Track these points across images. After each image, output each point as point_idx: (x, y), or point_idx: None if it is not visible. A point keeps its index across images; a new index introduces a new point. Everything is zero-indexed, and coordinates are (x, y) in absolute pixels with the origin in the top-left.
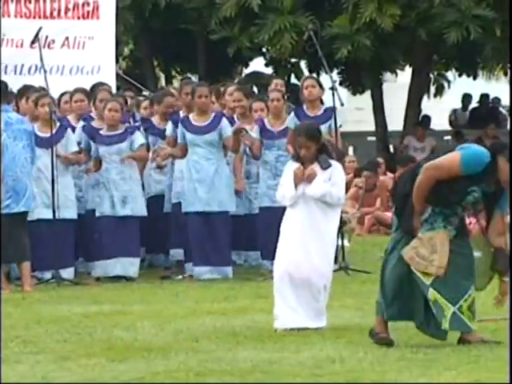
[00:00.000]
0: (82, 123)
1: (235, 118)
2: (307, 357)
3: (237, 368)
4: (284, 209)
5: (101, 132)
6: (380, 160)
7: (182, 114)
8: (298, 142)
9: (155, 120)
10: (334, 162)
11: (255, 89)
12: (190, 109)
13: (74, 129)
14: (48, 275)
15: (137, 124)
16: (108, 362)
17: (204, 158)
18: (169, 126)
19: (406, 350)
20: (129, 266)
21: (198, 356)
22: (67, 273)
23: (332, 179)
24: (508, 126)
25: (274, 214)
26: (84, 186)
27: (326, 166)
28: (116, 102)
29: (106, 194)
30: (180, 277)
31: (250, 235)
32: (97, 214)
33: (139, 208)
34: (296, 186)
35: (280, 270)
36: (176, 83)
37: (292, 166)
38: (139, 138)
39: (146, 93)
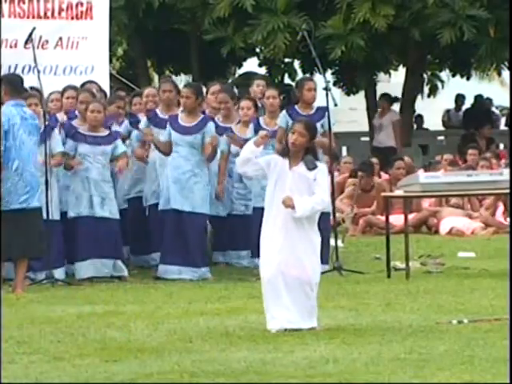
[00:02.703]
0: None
1: (216, 119)
2: (301, 357)
3: (230, 369)
4: None
5: (82, 131)
6: (374, 160)
7: (158, 111)
8: (294, 127)
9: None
10: (319, 164)
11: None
12: (168, 107)
13: None
14: (41, 276)
15: (118, 130)
16: (101, 363)
17: (183, 158)
18: (143, 123)
19: (399, 350)
20: (101, 266)
21: (191, 356)
22: (59, 273)
23: (317, 180)
24: (501, 127)
25: None
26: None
27: (311, 167)
28: (98, 103)
29: (85, 193)
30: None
31: (230, 235)
32: (71, 215)
33: (115, 210)
34: (255, 143)
35: (271, 271)
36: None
37: (273, 159)
38: (121, 145)
39: None
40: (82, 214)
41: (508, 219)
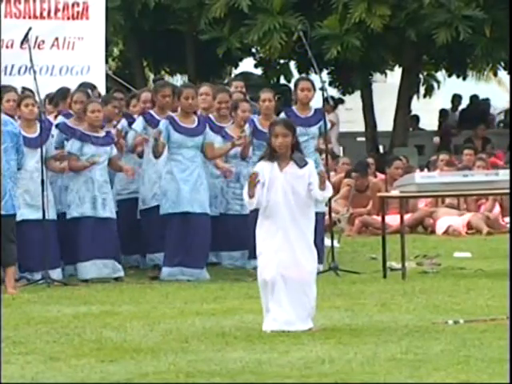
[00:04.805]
0: (57, 121)
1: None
2: (296, 357)
3: (226, 369)
4: None
5: (86, 132)
6: (370, 160)
7: (153, 113)
8: (275, 130)
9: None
10: (307, 159)
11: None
12: (162, 110)
13: None
14: (37, 276)
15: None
16: (97, 363)
17: (189, 160)
18: (139, 123)
19: (395, 350)
20: (103, 267)
21: (187, 357)
22: (55, 273)
23: (313, 175)
24: (496, 127)
25: None
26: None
27: (303, 164)
28: (97, 103)
29: (88, 194)
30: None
31: (225, 235)
32: (74, 215)
33: (114, 211)
34: (249, 193)
35: (271, 272)
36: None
37: (258, 167)
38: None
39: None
40: (86, 215)
41: (506, 219)
